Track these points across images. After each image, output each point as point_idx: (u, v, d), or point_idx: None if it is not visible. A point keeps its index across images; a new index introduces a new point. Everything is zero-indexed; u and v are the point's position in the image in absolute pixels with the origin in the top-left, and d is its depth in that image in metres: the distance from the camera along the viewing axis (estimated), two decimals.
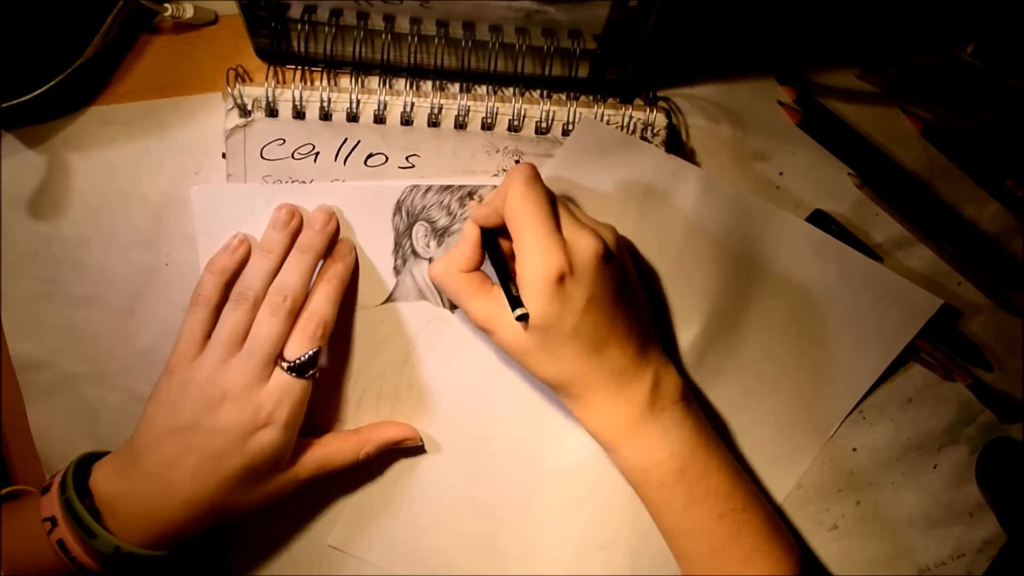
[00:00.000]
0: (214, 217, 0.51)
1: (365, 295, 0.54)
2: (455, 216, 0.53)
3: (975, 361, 0.58)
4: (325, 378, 0.54)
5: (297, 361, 0.47)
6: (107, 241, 0.53)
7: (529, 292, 0.43)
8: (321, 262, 0.51)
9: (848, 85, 0.56)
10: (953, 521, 0.59)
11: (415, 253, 0.54)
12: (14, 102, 0.49)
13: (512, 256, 0.46)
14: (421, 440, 0.55)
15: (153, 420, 0.48)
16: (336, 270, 0.50)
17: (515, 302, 0.44)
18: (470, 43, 0.50)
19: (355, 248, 0.52)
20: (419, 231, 0.53)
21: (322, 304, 0.49)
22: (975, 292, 0.58)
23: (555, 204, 0.45)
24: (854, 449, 0.59)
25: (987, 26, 0.50)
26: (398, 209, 0.53)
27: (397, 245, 0.53)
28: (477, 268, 0.47)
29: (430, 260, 0.54)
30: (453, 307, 0.54)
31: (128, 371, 0.55)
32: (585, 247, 0.44)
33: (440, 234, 0.53)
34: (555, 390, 0.48)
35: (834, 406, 0.57)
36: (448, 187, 0.53)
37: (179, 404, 0.47)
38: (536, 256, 0.43)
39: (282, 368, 0.47)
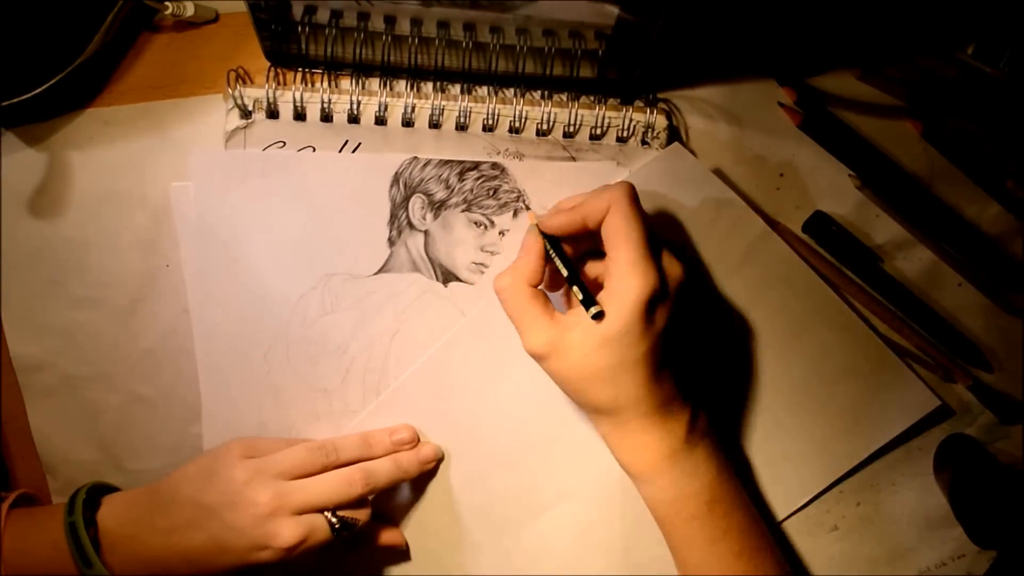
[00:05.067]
0: (210, 182, 0.52)
1: (357, 264, 0.53)
2: (453, 190, 0.53)
3: (975, 362, 0.58)
4: (313, 348, 0.54)
5: (343, 519, 0.50)
6: (108, 242, 0.53)
7: (618, 307, 0.43)
8: None
9: (849, 86, 0.56)
10: (953, 522, 0.59)
11: (411, 225, 0.53)
12: (15, 100, 0.49)
13: (573, 260, 0.47)
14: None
15: (186, 482, 0.50)
16: (411, 468, 0.54)
17: (589, 300, 0.43)
18: (471, 44, 0.50)
19: (440, 457, 0.56)
20: (416, 203, 0.53)
21: (382, 479, 0.52)
22: (975, 293, 0.58)
23: (651, 228, 0.46)
24: None
25: (988, 27, 0.50)
26: (396, 180, 0.53)
27: (393, 216, 0.53)
28: (541, 282, 0.47)
29: (425, 232, 0.53)
30: (446, 280, 0.54)
31: (129, 372, 0.55)
32: (675, 275, 0.45)
33: (437, 207, 0.53)
34: (599, 418, 0.48)
35: (814, 479, 0.58)
36: (448, 161, 0.53)
37: (215, 484, 0.49)
38: (636, 273, 0.43)
39: (327, 517, 0.49)
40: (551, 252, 0.47)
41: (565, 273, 0.46)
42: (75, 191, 0.53)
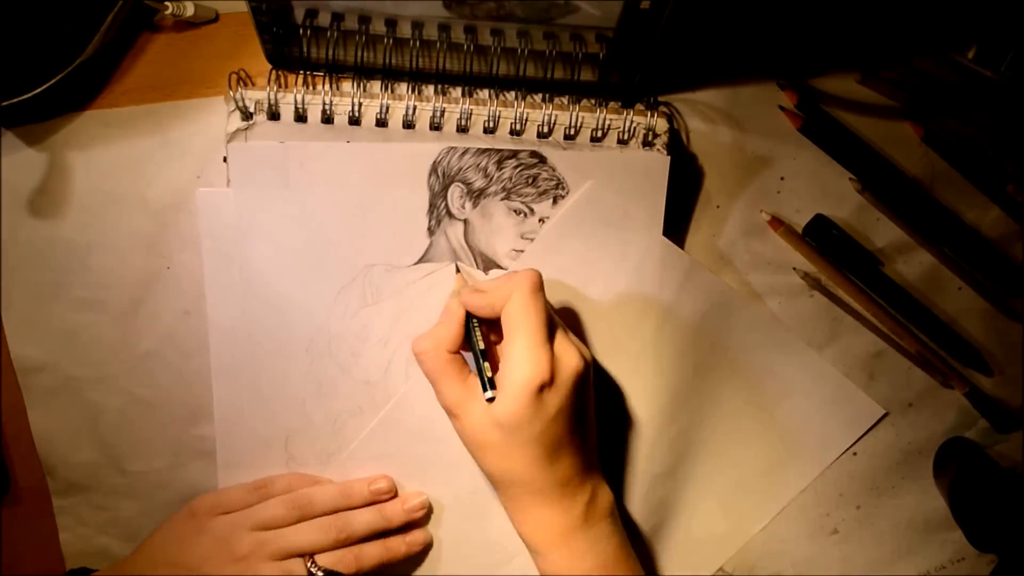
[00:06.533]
0: (249, 176, 0.51)
1: (398, 255, 0.54)
2: (491, 179, 0.53)
3: (975, 365, 0.58)
4: (354, 338, 0.54)
5: (324, 571, 0.50)
6: (109, 244, 0.53)
7: (508, 394, 0.44)
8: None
9: (849, 90, 0.56)
10: (953, 525, 0.59)
11: (450, 214, 0.53)
12: (15, 100, 0.49)
13: (487, 337, 0.48)
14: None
15: (157, 549, 0.51)
16: (399, 547, 0.55)
17: (488, 384, 0.46)
18: (472, 47, 0.50)
19: (430, 542, 0.56)
20: (455, 192, 0.53)
21: (372, 558, 0.53)
22: (975, 297, 0.58)
23: (551, 316, 0.47)
24: (855, 453, 0.59)
25: (989, 30, 0.50)
26: (434, 170, 0.52)
27: (432, 206, 0.53)
28: (459, 348, 0.48)
29: (464, 221, 0.54)
30: (487, 268, 0.54)
31: (129, 374, 0.55)
32: (569, 363, 0.46)
33: (476, 196, 0.53)
34: (497, 486, 0.49)
35: (768, 502, 0.59)
36: (486, 150, 0.52)
37: (190, 545, 0.51)
38: (525, 363, 0.44)
39: (306, 564, 0.50)
40: (471, 324, 0.48)
41: (478, 348, 0.47)
42: (76, 192, 0.53)
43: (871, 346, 0.58)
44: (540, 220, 0.54)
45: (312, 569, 0.50)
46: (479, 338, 0.48)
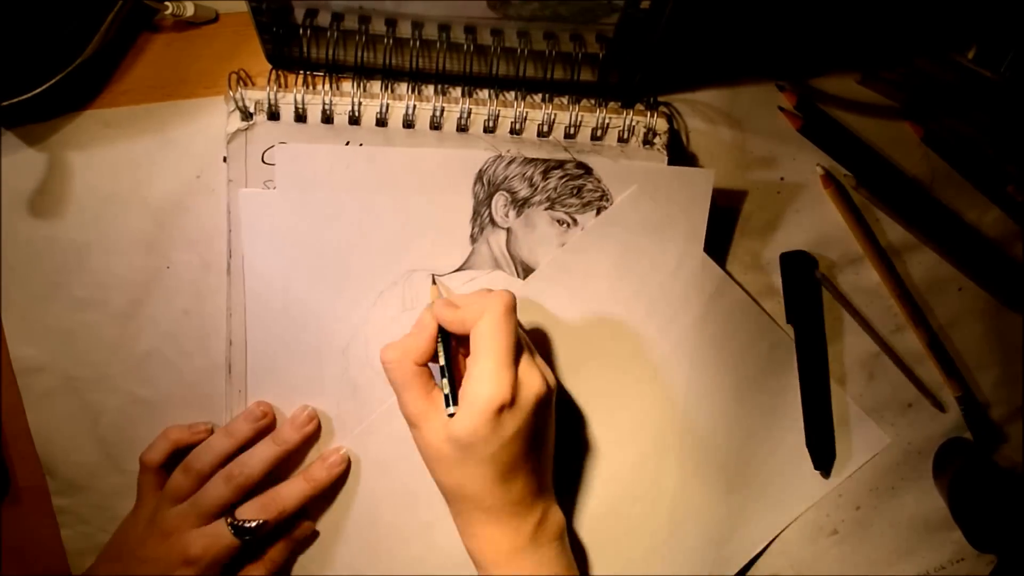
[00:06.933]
0: (297, 176, 0.51)
1: (439, 261, 0.54)
2: (537, 188, 0.53)
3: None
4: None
5: (244, 523, 0.51)
6: (108, 244, 0.53)
7: (468, 411, 0.45)
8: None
9: (849, 90, 0.56)
10: (952, 526, 0.59)
11: (493, 222, 0.53)
12: (15, 100, 0.49)
13: (456, 351, 0.49)
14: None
15: (96, 564, 0.54)
16: (320, 476, 0.54)
17: (452, 399, 0.46)
18: (472, 47, 0.50)
19: (347, 461, 0.55)
20: (499, 201, 0.53)
21: (292, 497, 0.53)
22: (976, 298, 0.58)
23: (520, 339, 0.47)
24: None
25: (989, 30, 0.50)
26: (479, 178, 0.53)
27: (476, 213, 0.53)
28: (427, 360, 0.48)
29: (508, 230, 0.54)
30: (526, 276, 0.54)
31: (129, 374, 0.55)
32: (532, 387, 0.46)
33: (520, 205, 0.53)
34: (449, 501, 0.49)
35: (772, 518, 0.59)
36: (532, 160, 0.53)
37: (119, 543, 0.53)
38: (487, 382, 0.44)
39: (227, 522, 0.51)
40: (439, 338, 0.48)
41: (442, 363, 0.48)
42: (75, 192, 0.53)
43: (872, 346, 0.58)
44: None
45: (235, 524, 0.51)
46: (442, 355, 0.48)
